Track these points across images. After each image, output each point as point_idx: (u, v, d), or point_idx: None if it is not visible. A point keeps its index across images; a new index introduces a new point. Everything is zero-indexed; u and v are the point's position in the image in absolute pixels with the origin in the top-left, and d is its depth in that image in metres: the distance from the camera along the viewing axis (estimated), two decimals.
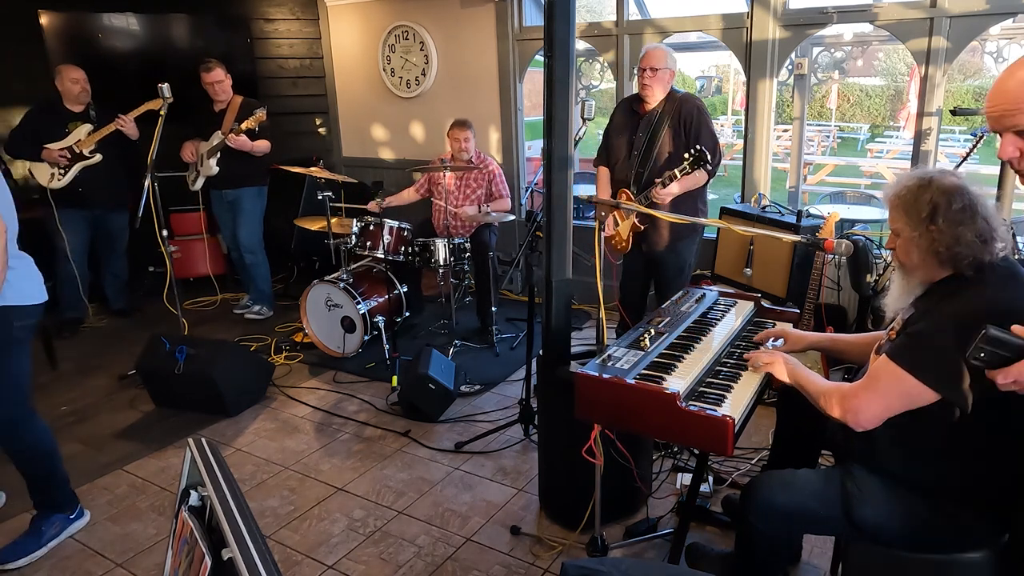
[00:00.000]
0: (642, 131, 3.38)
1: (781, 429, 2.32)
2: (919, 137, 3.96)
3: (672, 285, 3.57)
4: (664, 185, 3.17)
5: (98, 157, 4.56)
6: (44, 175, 4.55)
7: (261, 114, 4.38)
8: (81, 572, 2.51)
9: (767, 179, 4.46)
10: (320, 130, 5.02)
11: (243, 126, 4.38)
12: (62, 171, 4.53)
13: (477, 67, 5.33)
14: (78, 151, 4.53)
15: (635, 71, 3.53)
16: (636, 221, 3.42)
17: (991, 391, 1.58)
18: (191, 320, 4.65)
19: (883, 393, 1.63)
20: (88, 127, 4.55)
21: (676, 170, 3.07)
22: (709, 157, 3.01)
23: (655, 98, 3.36)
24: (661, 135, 3.33)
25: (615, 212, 3.47)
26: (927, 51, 3.77)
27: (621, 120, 3.52)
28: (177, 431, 3.48)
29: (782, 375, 1.93)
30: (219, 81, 4.56)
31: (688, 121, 3.30)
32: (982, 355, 1.30)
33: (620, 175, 3.47)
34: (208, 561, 1.01)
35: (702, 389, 1.97)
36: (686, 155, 2.98)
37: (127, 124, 4.50)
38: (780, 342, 2.21)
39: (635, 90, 3.63)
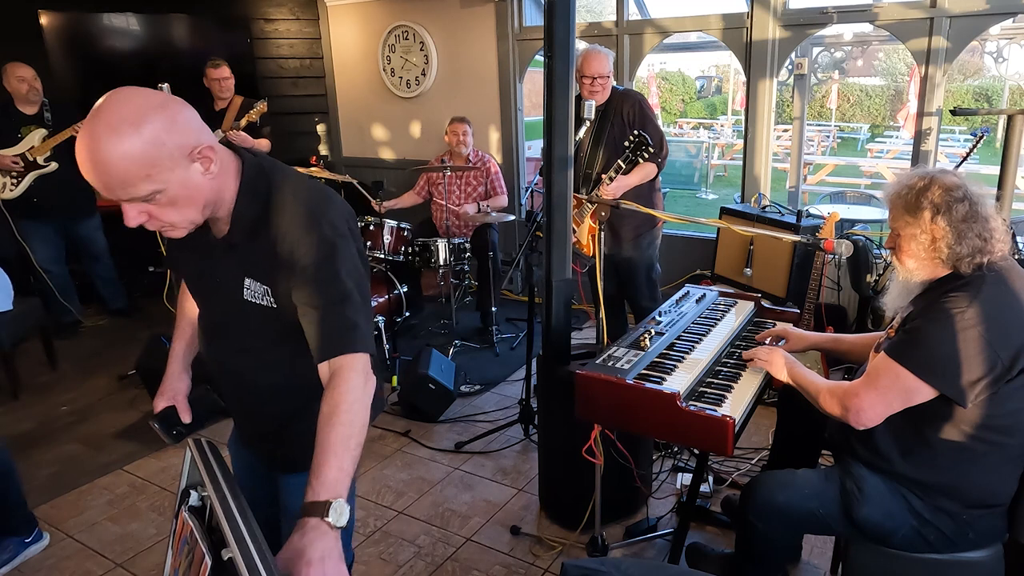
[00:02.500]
0: (584, 132, 3.32)
1: (781, 429, 2.32)
2: (919, 137, 3.96)
3: (643, 288, 3.51)
4: (611, 180, 3.12)
5: (53, 166, 4.30)
6: None
7: (262, 106, 4.37)
8: (81, 572, 2.51)
9: (767, 179, 4.46)
10: (319, 126, 5.02)
11: (244, 120, 4.38)
12: (15, 180, 4.26)
13: (477, 67, 5.33)
14: (31, 159, 4.25)
15: (576, 78, 3.43)
16: (592, 223, 3.31)
17: (991, 390, 1.59)
18: None
19: (883, 390, 1.64)
20: (42, 132, 4.28)
21: (620, 160, 3.01)
22: (651, 141, 2.93)
23: (604, 99, 3.35)
24: (605, 134, 3.32)
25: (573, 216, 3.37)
26: (927, 51, 3.77)
27: None
28: None
29: (780, 374, 1.93)
30: (225, 78, 4.56)
31: (631, 116, 3.29)
32: (174, 433, 1.53)
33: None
34: (208, 561, 1.01)
35: (702, 389, 1.97)
36: (626, 143, 2.89)
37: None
38: (782, 342, 2.21)
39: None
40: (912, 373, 1.60)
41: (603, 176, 3.17)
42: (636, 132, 2.90)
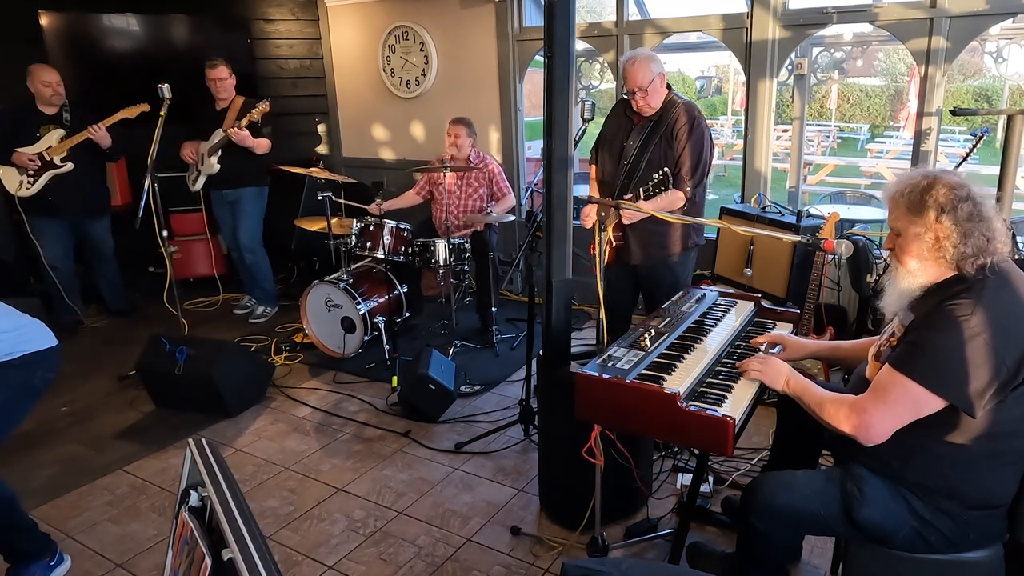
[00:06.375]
0: (633, 139, 3.18)
1: (781, 429, 2.32)
2: (919, 137, 3.96)
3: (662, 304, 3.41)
4: (634, 199, 2.89)
5: (69, 166, 4.38)
6: (12, 182, 4.35)
7: (264, 105, 4.38)
8: (81, 572, 2.51)
9: (767, 179, 4.46)
10: (319, 126, 5.03)
11: (246, 119, 4.38)
12: (31, 179, 4.35)
13: (477, 67, 5.33)
14: (48, 158, 4.34)
15: (623, 91, 3.30)
16: (611, 234, 3.23)
17: (999, 398, 1.57)
18: (191, 320, 4.64)
19: (892, 404, 1.62)
20: (60, 132, 4.37)
21: (641, 189, 2.77)
22: (671, 181, 2.70)
23: (653, 109, 3.15)
24: (651, 145, 3.13)
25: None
26: (927, 51, 3.77)
27: (614, 125, 3.31)
28: (177, 431, 3.48)
29: (777, 384, 1.90)
30: (222, 79, 4.55)
31: (679, 132, 3.08)
32: None
33: (608, 184, 3.27)
34: (208, 561, 1.01)
35: (702, 389, 1.97)
36: (655, 175, 2.63)
37: (98, 132, 4.31)
38: (778, 349, 2.19)
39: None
40: (920, 385, 1.58)
41: (625, 197, 2.99)
42: (663, 171, 2.62)
